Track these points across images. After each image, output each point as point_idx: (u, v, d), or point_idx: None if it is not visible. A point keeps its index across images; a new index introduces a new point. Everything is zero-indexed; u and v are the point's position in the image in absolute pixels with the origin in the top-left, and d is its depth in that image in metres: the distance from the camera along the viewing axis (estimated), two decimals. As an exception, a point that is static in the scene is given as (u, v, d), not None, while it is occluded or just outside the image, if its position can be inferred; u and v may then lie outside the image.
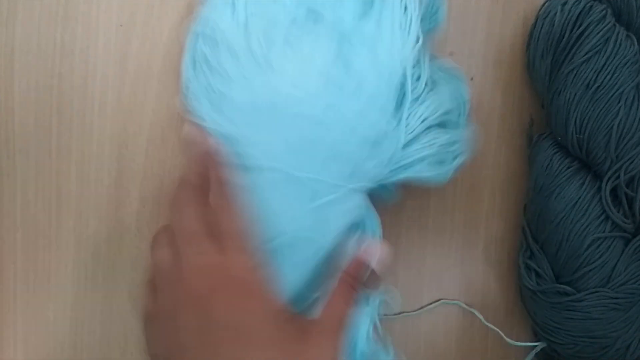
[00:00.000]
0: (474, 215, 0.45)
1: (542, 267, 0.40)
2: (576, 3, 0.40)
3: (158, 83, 0.46)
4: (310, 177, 0.38)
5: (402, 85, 0.39)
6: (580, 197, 0.39)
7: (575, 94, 0.39)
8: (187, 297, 0.34)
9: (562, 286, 0.39)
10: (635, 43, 0.39)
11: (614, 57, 0.38)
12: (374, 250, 0.38)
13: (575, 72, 0.39)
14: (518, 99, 0.45)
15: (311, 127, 0.38)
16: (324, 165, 0.38)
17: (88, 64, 0.46)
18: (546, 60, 0.41)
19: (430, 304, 0.45)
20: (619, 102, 0.38)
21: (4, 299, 0.46)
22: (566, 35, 0.39)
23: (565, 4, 0.40)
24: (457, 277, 0.45)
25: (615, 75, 0.38)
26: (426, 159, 0.40)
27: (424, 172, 0.40)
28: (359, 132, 0.38)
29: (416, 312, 0.45)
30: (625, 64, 0.38)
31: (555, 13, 0.40)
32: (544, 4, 0.42)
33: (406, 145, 0.40)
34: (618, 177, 0.38)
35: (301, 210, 0.38)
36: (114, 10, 0.46)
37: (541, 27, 0.41)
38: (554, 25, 0.40)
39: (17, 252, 0.46)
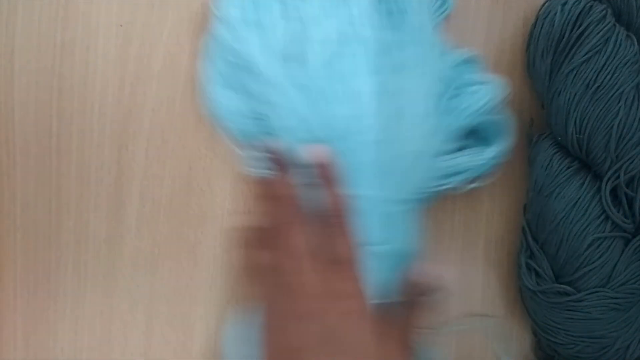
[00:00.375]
0: (474, 215, 0.45)
1: (542, 267, 0.40)
2: (576, 3, 0.39)
3: (158, 83, 0.46)
4: (370, 195, 0.40)
5: (437, 99, 0.41)
6: (580, 197, 0.39)
7: (575, 94, 0.39)
8: (307, 308, 0.39)
9: (562, 286, 0.39)
10: (636, 43, 0.39)
11: (614, 57, 0.38)
12: (433, 270, 0.41)
13: (575, 72, 0.39)
14: (518, 99, 0.45)
15: (369, 151, 0.40)
16: (381, 182, 0.41)
17: (88, 64, 0.46)
18: (546, 60, 0.40)
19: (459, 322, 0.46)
20: (618, 102, 0.38)
21: (4, 299, 0.46)
22: (566, 35, 0.39)
23: (565, 4, 0.40)
24: (457, 277, 0.45)
25: (615, 75, 0.38)
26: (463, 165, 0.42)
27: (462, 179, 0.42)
28: (409, 151, 0.40)
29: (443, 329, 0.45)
30: (625, 64, 0.38)
31: (556, 13, 0.40)
32: (544, 4, 0.42)
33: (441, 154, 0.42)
34: (618, 177, 0.38)
35: (371, 228, 0.40)
36: (114, 10, 0.46)
37: (541, 27, 0.41)
38: (554, 25, 0.40)
39: (17, 252, 0.46)
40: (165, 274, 0.46)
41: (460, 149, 0.42)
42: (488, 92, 0.41)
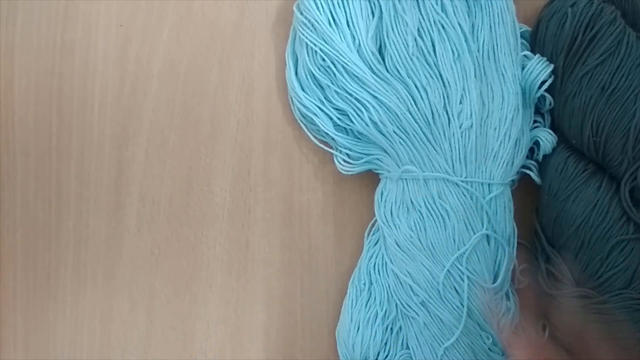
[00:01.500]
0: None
1: (560, 271, 0.40)
2: (587, 5, 0.39)
3: (158, 83, 0.45)
4: (472, 181, 0.40)
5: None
6: (599, 200, 0.39)
7: (591, 97, 0.39)
8: None
9: (586, 289, 0.39)
10: (646, 44, 0.39)
11: (627, 59, 0.38)
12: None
13: (590, 75, 0.39)
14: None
15: (468, 136, 0.40)
16: (481, 167, 0.40)
17: (88, 64, 0.46)
18: (556, 63, 0.40)
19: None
20: (634, 104, 0.38)
21: (4, 299, 0.46)
22: (579, 37, 0.39)
23: (573, 5, 0.39)
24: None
25: (630, 77, 0.38)
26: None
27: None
28: (511, 136, 0.40)
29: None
30: (639, 65, 0.38)
31: (563, 15, 0.39)
32: (547, 5, 0.41)
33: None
34: (635, 178, 0.38)
35: (473, 214, 0.40)
36: (114, 10, 0.45)
37: (545, 29, 0.40)
38: (564, 27, 0.39)
39: (17, 252, 0.46)
40: (165, 274, 0.45)
41: None
42: (539, 67, 0.41)
